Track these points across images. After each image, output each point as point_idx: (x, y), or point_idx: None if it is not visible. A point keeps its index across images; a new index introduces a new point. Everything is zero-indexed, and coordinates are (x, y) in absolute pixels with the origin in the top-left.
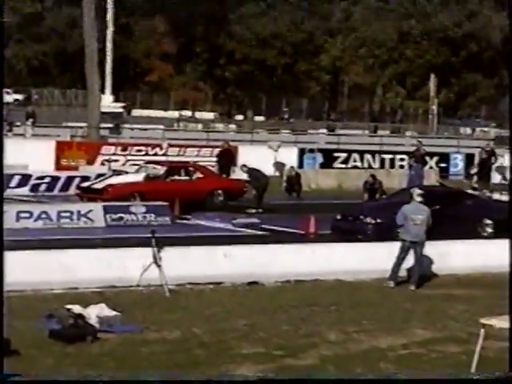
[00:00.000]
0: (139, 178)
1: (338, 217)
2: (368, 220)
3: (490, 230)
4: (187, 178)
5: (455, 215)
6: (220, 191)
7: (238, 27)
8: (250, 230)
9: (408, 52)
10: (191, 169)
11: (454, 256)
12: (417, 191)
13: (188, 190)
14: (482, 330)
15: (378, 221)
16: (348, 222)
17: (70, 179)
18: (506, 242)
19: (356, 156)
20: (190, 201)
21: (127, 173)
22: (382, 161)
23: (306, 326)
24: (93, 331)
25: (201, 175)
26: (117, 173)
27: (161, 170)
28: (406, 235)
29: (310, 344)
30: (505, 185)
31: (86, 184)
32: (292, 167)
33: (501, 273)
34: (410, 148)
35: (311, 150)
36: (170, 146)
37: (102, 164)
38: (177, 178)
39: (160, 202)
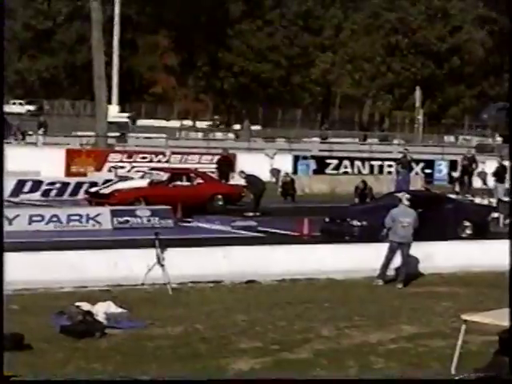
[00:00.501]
0: (144, 183)
1: (327, 219)
2: (354, 222)
3: (468, 231)
4: (189, 183)
5: (436, 218)
6: (220, 196)
7: (236, 42)
8: (247, 232)
9: (395, 65)
10: (192, 175)
11: (439, 256)
12: (405, 196)
13: (189, 194)
14: (464, 326)
15: (364, 223)
16: (336, 224)
17: (79, 185)
18: (486, 243)
19: (347, 163)
20: (191, 205)
21: (132, 179)
22: (371, 167)
23: (300, 322)
24: (101, 327)
25: (201, 181)
26: (123, 179)
27: (164, 176)
28: (393, 236)
29: (304, 339)
30: (485, 189)
31: (94, 189)
32: (287, 173)
33: (482, 272)
34: (397, 155)
35: (305, 157)
36: (173, 153)
37: (109, 170)
38: (179, 183)
39: (163, 205)
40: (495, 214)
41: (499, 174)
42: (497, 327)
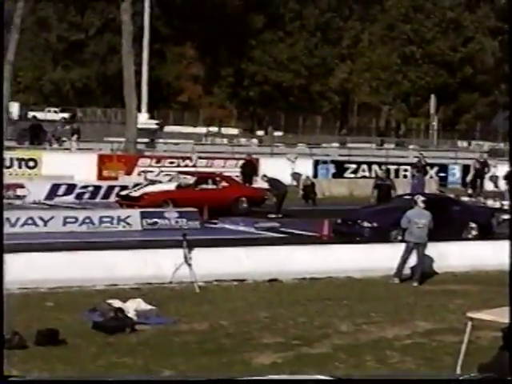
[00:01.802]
0: (172, 186)
1: (339, 221)
2: (365, 224)
3: (474, 232)
4: (214, 186)
5: (444, 219)
6: (244, 198)
7: (258, 52)
8: (270, 233)
9: (410, 74)
10: (218, 178)
11: (452, 256)
12: (420, 198)
13: (215, 197)
14: (470, 323)
15: (374, 225)
16: (347, 225)
17: (110, 188)
18: (498, 243)
19: (365, 167)
20: (216, 207)
21: (161, 182)
22: (388, 171)
23: (320, 319)
24: (131, 323)
25: (226, 184)
26: (151, 182)
27: (191, 179)
28: (409, 237)
29: (323, 334)
30: (497, 192)
31: (124, 192)
32: (308, 177)
33: (494, 270)
34: (412, 160)
35: (325, 162)
36: (199, 158)
37: (139, 175)
38: (205, 186)
39: (190, 208)
40: (505, 216)
41: (511, 178)
42: (501, 324)
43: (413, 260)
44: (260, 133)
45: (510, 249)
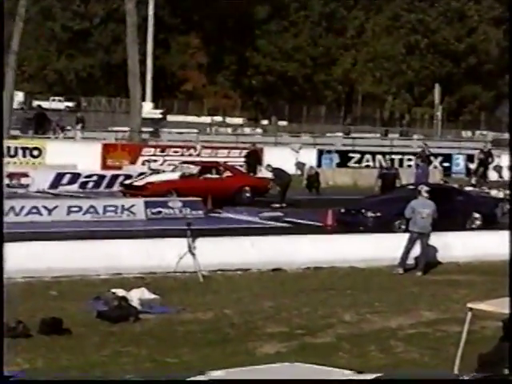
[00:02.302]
0: (175, 176)
1: (342, 210)
2: (368, 214)
3: (478, 222)
4: (217, 176)
5: (447, 209)
6: (247, 188)
7: (263, 42)
8: (274, 223)
9: (414, 64)
10: (221, 168)
11: (456, 246)
12: (424, 188)
13: (218, 187)
14: (469, 313)
15: (378, 214)
16: (351, 215)
17: (114, 177)
18: (501, 233)
19: (369, 157)
20: (220, 197)
21: (164, 171)
22: (392, 161)
23: (324, 308)
24: (135, 312)
25: (230, 174)
26: (155, 171)
27: (194, 169)
28: (413, 227)
29: (327, 324)
30: (501, 182)
31: (128, 182)
32: (312, 166)
33: (497, 261)
34: (416, 149)
35: (329, 151)
36: (204, 147)
37: (143, 164)
38: (208, 176)
39: (195, 197)
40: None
41: None
42: (502, 315)
43: (417, 250)
44: (264, 122)
45: (509, 240)
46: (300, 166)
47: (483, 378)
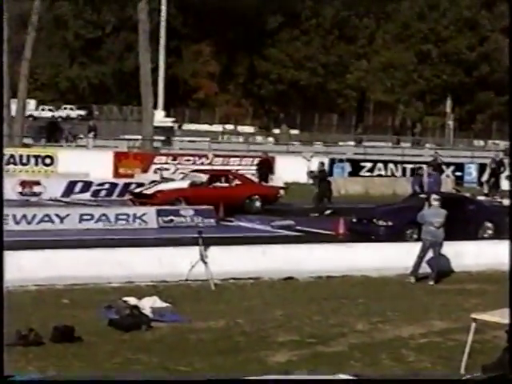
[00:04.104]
0: (185, 184)
1: (354, 220)
2: (380, 223)
3: (490, 231)
4: (227, 184)
5: (459, 218)
6: (256, 196)
7: (274, 50)
8: (286, 231)
9: (426, 73)
10: (231, 176)
11: (468, 255)
12: (434, 197)
13: (228, 195)
14: (474, 324)
15: (389, 223)
16: (362, 224)
17: (126, 186)
18: None
19: (380, 165)
20: (229, 205)
21: (174, 180)
22: (404, 170)
23: (335, 317)
24: (147, 320)
25: (239, 182)
26: (164, 180)
27: (204, 177)
28: (426, 236)
29: (339, 333)
30: None
31: (137, 190)
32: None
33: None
34: (428, 158)
35: (341, 160)
36: (215, 156)
37: (155, 172)
38: (218, 184)
39: (206, 206)
40: None
41: None
42: (504, 326)
43: (429, 259)
44: (276, 131)
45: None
46: (312, 175)
47: (486, 379)
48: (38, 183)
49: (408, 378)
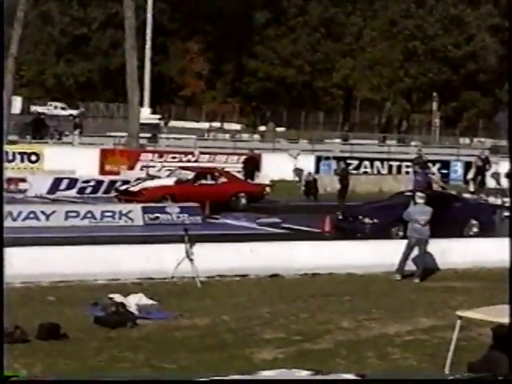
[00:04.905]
0: (170, 182)
1: (340, 217)
2: (366, 220)
3: (475, 229)
4: (213, 182)
5: (445, 216)
6: (242, 194)
7: (261, 48)
8: (272, 229)
9: (412, 70)
10: (217, 174)
11: (454, 252)
12: (418, 194)
13: (214, 192)
14: (459, 322)
15: (375, 221)
16: (348, 221)
17: (112, 183)
18: (498, 240)
19: (367, 163)
20: (215, 202)
21: (160, 177)
22: (390, 167)
23: (321, 314)
24: (132, 318)
25: (225, 180)
26: (151, 177)
27: (189, 174)
28: (412, 233)
29: (325, 330)
30: (499, 189)
31: (123, 187)
32: (310, 173)
33: (495, 268)
34: (414, 156)
35: (327, 158)
36: (202, 153)
37: (141, 169)
38: (204, 182)
39: (192, 203)
40: (507, 213)
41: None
42: (489, 323)
43: (414, 256)
44: (262, 128)
45: (510, 247)
46: (298, 172)
47: (473, 378)
48: (23, 180)
49: (392, 378)
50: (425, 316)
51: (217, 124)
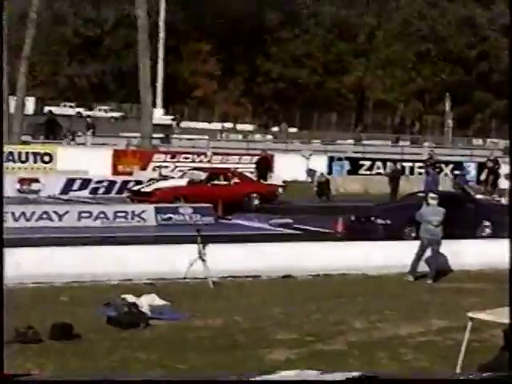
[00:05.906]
0: (183, 182)
1: (352, 218)
2: (378, 221)
3: (488, 230)
4: (226, 182)
5: (457, 217)
6: (255, 194)
7: (274, 49)
8: (284, 229)
9: (425, 71)
10: (229, 174)
11: (467, 253)
12: (431, 195)
13: (226, 193)
14: (470, 323)
15: (388, 222)
16: (361, 222)
17: (125, 183)
18: None
19: (379, 164)
20: (228, 203)
21: (173, 178)
22: (403, 168)
23: (334, 315)
24: (145, 318)
25: (238, 180)
26: (163, 178)
27: (202, 175)
28: (424, 234)
29: (338, 331)
30: None
31: (135, 188)
32: (322, 173)
33: (508, 269)
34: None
35: (339, 159)
36: (214, 154)
37: (154, 170)
38: (216, 182)
39: (205, 203)
40: None
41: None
42: (501, 325)
43: (427, 257)
44: (275, 129)
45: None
46: (310, 173)
47: (483, 378)
48: (36, 180)
49: (400, 377)
50: (437, 317)
51: (229, 125)
